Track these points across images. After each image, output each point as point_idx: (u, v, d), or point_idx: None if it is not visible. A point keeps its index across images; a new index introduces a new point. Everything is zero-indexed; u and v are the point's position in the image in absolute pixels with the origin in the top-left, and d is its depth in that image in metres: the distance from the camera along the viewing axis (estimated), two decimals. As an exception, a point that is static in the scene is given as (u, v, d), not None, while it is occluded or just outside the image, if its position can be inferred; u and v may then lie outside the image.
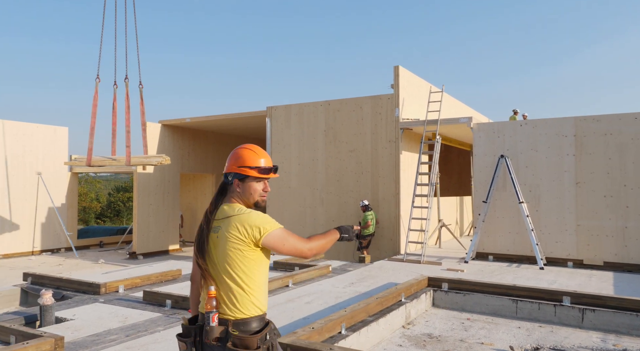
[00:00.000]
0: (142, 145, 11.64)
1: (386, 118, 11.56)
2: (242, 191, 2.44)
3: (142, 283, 6.99)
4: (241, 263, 2.30)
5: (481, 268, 9.26)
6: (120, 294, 6.56)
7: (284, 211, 12.85)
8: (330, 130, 12.29)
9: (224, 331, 2.26)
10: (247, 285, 2.30)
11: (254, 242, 2.30)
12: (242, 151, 2.48)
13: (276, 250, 2.36)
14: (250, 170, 2.42)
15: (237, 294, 2.29)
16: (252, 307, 2.30)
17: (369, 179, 11.72)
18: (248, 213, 2.34)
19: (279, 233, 2.35)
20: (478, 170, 10.54)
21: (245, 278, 2.30)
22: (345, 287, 7.40)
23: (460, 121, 10.69)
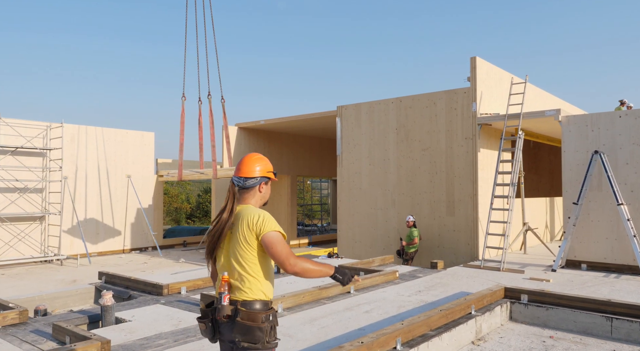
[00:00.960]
0: (227, 157, 11.93)
1: (462, 114, 10.78)
2: (264, 192, 2.85)
3: (204, 285, 7.02)
4: (249, 254, 2.65)
5: (571, 279, 8.24)
6: (182, 296, 6.63)
7: (354, 213, 12.50)
8: (401, 128, 11.74)
9: (233, 309, 2.59)
10: (254, 272, 2.65)
11: (256, 236, 2.64)
12: (265, 159, 2.88)
13: (267, 249, 2.63)
14: (272, 174, 2.88)
15: (245, 280, 2.64)
16: (257, 292, 2.65)
17: (444, 179, 11.01)
18: (259, 213, 2.69)
19: (275, 236, 2.64)
20: (568, 169, 9.44)
21: (253, 266, 2.65)
22: (410, 296, 6.90)
23: (547, 114, 9.65)
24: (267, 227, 2.64)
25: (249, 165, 2.81)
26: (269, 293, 2.71)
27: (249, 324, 2.57)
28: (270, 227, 2.65)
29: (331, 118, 13.73)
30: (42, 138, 13.90)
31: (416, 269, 9.22)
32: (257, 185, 2.81)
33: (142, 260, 14.12)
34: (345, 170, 12.77)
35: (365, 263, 9.30)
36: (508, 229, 9.43)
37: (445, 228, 10.93)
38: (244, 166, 2.82)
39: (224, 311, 2.59)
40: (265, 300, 2.68)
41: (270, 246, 2.62)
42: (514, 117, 10.08)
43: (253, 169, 2.80)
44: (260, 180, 2.81)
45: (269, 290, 2.71)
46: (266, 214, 2.70)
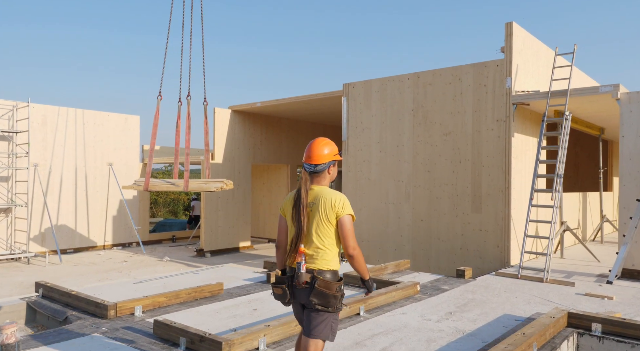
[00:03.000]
0: (205, 167, 10.34)
1: (493, 92, 9.03)
2: (332, 173, 3.29)
3: (168, 302, 5.38)
4: (326, 230, 3.10)
5: (636, 294, 6.55)
6: (135, 319, 4.96)
7: (361, 207, 10.82)
8: (419, 109, 10.00)
9: (311, 277, 3.02)
10: (329, 245, 3.11)
11: (336, 216, 3.08)
12: (329, 143, 3.26)
13: (340, 228, 3.08)
14: (339, 156, 3.31)
15: (322, 252, 3.09)
16: (332, 262, 3.10)
17: (469, 169, 9.29)
18: (340, 196, 3.13)
19: (349, 220, 3.12)
20: (627, 158, 7.70)
21: (330, 240, 3.11)
22: (440, 321, 5.22)
23: (602, 90, 7.89)
24: (346, 210, 3.10)
25: (318, 152, 3.18)
26: (338, 265, 3.13)
27: (325, 291, 2.98)
28: (347, 210, 3.11)
29: (336, 100, 12.00)
30: (8, 119, 12.24)
31: (439, 278, 7.54)
32: (326, 169, 3.22)
33: (123, 257, 12.51)
34: (351, 158, 11.07)
35: (376, 270, 7.63)
36: (552, 230, 7.72)
37: (469, 227, 9.24)
38: (313, 154, 3.19)
39: (302, 278, 3.00)
40: (336, 270, 3.12)
41: (343, 226, 3.08)
42: (558, 94, 8.33)
43: (322, 156, 3.18)
44: (329, 164, 3.23)
45: (338, 262, 3.14)
46: (345, 198, 3.14)
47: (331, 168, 3.24)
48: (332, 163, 3.23)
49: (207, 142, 10.06)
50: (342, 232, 3.06)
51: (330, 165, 3.22)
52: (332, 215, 3.06)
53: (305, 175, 3.19)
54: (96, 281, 9.24)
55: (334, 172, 3.27)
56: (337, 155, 3.26)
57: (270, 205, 16.65)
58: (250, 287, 6.73)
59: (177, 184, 10.18)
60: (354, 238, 3.07)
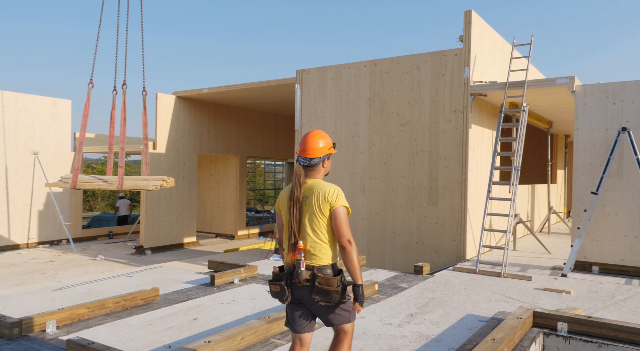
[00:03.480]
0: (142, 162, 9.37)
1: (451, 82, 8.79)
2: (327, 167, 3.19)
3: (90, 314, 4.66)
4: (321, 223, 2.99)
5: (592, 288, 6.49)
6: (46, 338, 4.22)
7: (316, 200, 10.36)
8: (376, 98, 9.63)
9: (311, 274, 2.92)
10: (326, 239, 3.01)
11: (330, 207, 2.99)
12: (323, 136, 3.17)
13: (334, 219, 2.99)
14: (333, 149, 3.21)
15: (319, 246, 2.98)
16: (330, 257, 3.00)
17: (426, 161, 9.04)
18: (333, 188, 3.04)
19: (343, 211, 3.01)
20: (581, 150, 7.66)
21: (328, 235, 3.01)
22: (401, 325, 4.85)
23: (558, 82, 7.80)
24: (340, 201, 3.01)
25: (313, 145, 3.10)
26: (336, 256, 3.05)
27: (326, 288, 2.88)
28: (341, 202, 3.01)
29: (289, 88, 11.44)
30: None
31: (396, 275, 7.22)
32: (321, 163, 3.13)
33: (49, 256, 11.40)
34: (304, 149, 10.56)
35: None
36: (510, 224, 7.58)
37: (426, 221, 9.00)
38: (308, 147, 3.10)
39: (302, 276, 2.91)
40: (335, 263, 3.02)
41: (337, 217, 2.98)
42: (516, 85, 8.19)
43: (317, 149, 3.10)
44: (324, 158, 3.14)
45: (336, 254, 3.05)
46: (339, 189, 3.05)
47: (325, 161, 3.16)
48: (326, 157, 3.16)
49: (146, 135, 9.11)
50: (335, 222, 2.97)
51: (325, 158, 3.15)
52: (326, 207, 2.99)
53: (299, 169, 3.10)
54: (13, 286, 8.23)
55: (328, 165, 3.20)
56: (332, 149, 3.19)
57: (218, 197, 15.88)
58: (191, 291, 6.11)
59: (111, 182, 9.23)
60: (349, 229, 2.99)
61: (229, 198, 15.50)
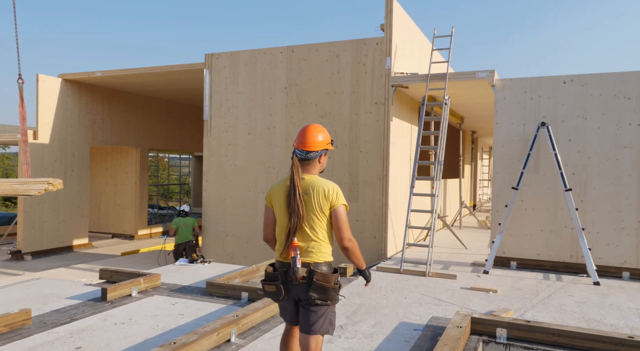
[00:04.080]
0: (21, 162, 7.49)
1: (373, 72, 8.39)
2: (323, 163, 3.11)
3: None
4: (320, 221, 2.91)
5: (514, 284, 6.41)
6: None
7: (225, 197, 9.48)
8: (293, 87, 8.97)
9: (307, 271, 2.84)
10: (324, 237, 2.93)
11: (330, 206, 2.92)
12: (322, 130, 3.07)
13: (334, 219, 2.92)
14: (330, 145, 3.12)
15: (317, 244, 2.91)
16: (326, 255, 2.93)
17: (346, 155, 8.57)
18: (333, 186, 2.97)
19: (344, 210, 2.94)
20: (500, 145, 7.64)
21: (322, 232, 2.93)
22: (331, 340, 4.25)
23: (478, 76, 7.71)
24: (340, 200, 2.94)
25: (312, 138, 3.01)
26: (332, 255, 2.99)
27: (325, 285, 2.82)
28: (342, 200, 2.95)
29: (197, 74, 10.38)
30: None
31: (318, 278, 6.64)
32: (318, 157, 3.03)
33: None
34: (214, 141, 9.62)
35: (246, 273, 6.43)
36: (434, 221, 7.34)
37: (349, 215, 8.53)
38: (307, 140, 3.01)
39: (299, 274, 2.82)
40: (330, 261, 2.96)
41: (338, 217, 2.91)
42: (437, 78, 7.98)
43: (316, 143, 3.00)
44: (321, 152, 3.04)
45: (331, 252, 2.99)
46: (337, 187, 3.00)
47: (322, 157, 3.08)
48: (323, 152, 3.07)
49: (25, 131, 7.43)
50: (336, 222, 2.92)
51: (322, 153, 3.06)
52: (326, 206, 2.92)
53: (297, 162, 3.02)
54: None
55: (324, 161, 3.11)
56: (330, 145, 3.10)
57: (115, 194, 14.26)
58: (76, 310, 5.02)
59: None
60: (349, 229, 2.95)
61: (128, 195, 13.98)
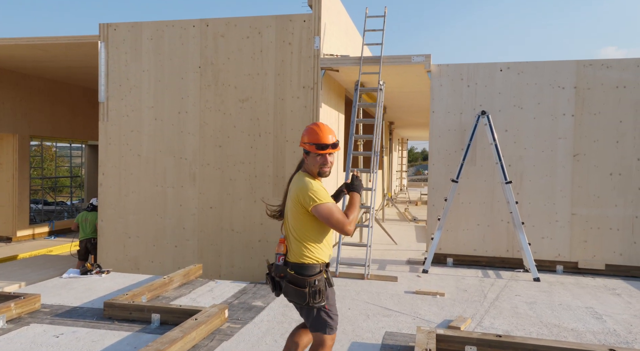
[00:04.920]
0: None
1: (300, 52, 7.52)
2: (309, 162, 2.87)
3: None
4: (297, 221, 2.79)
5: (458, 285, 5.98)
6: None
7: (128, 192, 8.11)
8: (208, 66, 7.82)
9: (284, 270, 2.80)
10: (301, 238, 2.78)
11: (305, 208, 2.74)
12: (310, 129, 2.88)
13: (322, 221, 2.75)
14: (309, 146, 2.84)
15: (295, 244, 2.80)
16: (304, 256, 2.76)
17: (271, 145, 7.65)
18: (305, 183, 2.76)
19: (323, 209, 2.71)
20: (436, 135, 7.19)
21: (300, 232, 2.79)
22: (278, 377, 3.38)
23: (414, 60, 7.17)
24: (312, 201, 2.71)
25: (304, 132, 2.93)
26: (318, 257, 2.78)
27: (293, 288, 2.74)
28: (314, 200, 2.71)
29: (90, 49, 8.75)
30: None
31: (245, 288, 5.69)
32: (304, 155, 2.91)
33: None
34: (113, 127, 8.18)
35: (157, 286, 5.29)
36: (372, 217, 6.70)
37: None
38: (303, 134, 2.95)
39: (278, 271, 2.84)
40: (314, 263, 2.76)
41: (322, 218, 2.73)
42: (371, 61, 7.32)
43: (302, 138, 2.91)
44: (303, 151, 2.90)
45: (318, 254, 2.78)
46: (307, 186, 2.75)
47: (305, 156, 2.90)
48: (305, 152, 2.89)
49: None
50: (328, 225, 2.76)
51: (304, 152, 2.89)
52: (301, 209, 2.76)
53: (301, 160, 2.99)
54: None
55: (311, 161, 2.85)
56: (311, 147, 2.83)
57: (-14, 190, 11.96)
58: None
59: None
60: (341, 221, 2.73)
61: (3, 190, 11.80)
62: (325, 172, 2.85)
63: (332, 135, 2.85)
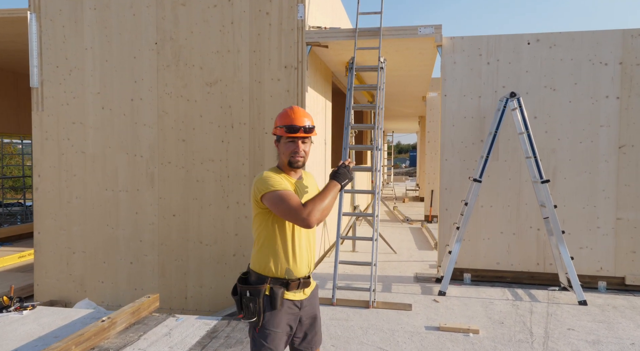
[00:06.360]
0: None
1: (280, 24, 6.10)
2: (280, 150, 2.43)
3: None
4: (254, 221, 2.38)
5: (489, 313, 4.71)
6: None
7: (71, 198, 6.60)
8: (167, 42, 6.33)
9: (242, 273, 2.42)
10: (255, 241, 2.37)
11: (257, 201, 2.30)
12: (283, 111, 2.45)
13: (274, 212, 2.25)
14: (279, 130, 2.40)
15: (253, 249, 2.40)
16: (254, 262, 2.34)
17: (247, 138, 6.22)
18: (261, 174, 2.34)
19: (273, 196, 2.22)
20: (450, 124, 5.88)
21: (255, 234, 2.38)
22: None
23: (421, 32, 5.82)
24: (262, 189, 2.27)
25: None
26: (265, 266, 2.30)
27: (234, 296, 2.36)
28: (264, 188, 2.26)
29: (18, 24, 7.14)
30: None
31: (214, 326, 4.29)
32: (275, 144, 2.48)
33: None
34: (49, 118, 6.63)
35: (95, 334, 3.84)
36: (376, 225, 5.33)
37: (247, 223, 6.24)
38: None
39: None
40: (259, 273, 2.30)
41: (272, 206, 2.24)
42: (368, 34, 5.96)
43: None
44: (277, 138, 2.45)
45: (266, 263, 2.30)
46: (261, 175, 2.33)
47: (276, 143, 2.44)
48: (275, 138, 2.45)
49: None
50: (279, 215, 2.23)
51: (275, 138, 2.45)
52: (255, 205, 2.33)
53: None
54: None
55: (283, 149, 2.38)
56: (275, 129, 2.42)
57: None
58: None
59: None
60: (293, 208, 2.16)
61: None
62: (298, 161, 2.37)
63: (307, 119, 2.40)
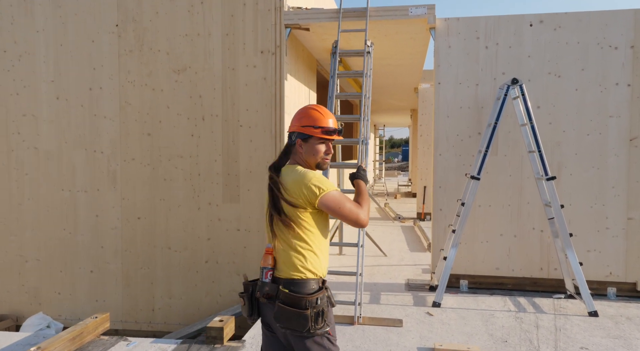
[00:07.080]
0: None
1: (256, 4, 5.46)
2: (305, 151, 2.23)
3: None
4: (290, 225, 2.14)
5: (489, 328, 4.15)
6: None
7: (23, 200, 5.92)
8: (129, 24, 5.66)
9: (274, 288, 2.11)
10: (301, 246, 2.13)
11: (311, 203, 2.10)
12: (308, 110, 2.27)
13: (331, 214, 2.13)
14: (314, 130, 2.21)
15: (286, 255, 2.14)
16: (304, 269, 2.12)
17: (219, 131, 5.59)
18: (304, 173, 2.13)
19: (333, 197, 2.09)
20: (444, 114, 5.31)
21: (299, 239, 2.14)
22: None
23: (412, 13, 5.22)
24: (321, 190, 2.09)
25: (293, 118, 2.29)
26: (319, 269, 2.15)
27: (290, 310, 2.04)
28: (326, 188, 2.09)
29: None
30: None
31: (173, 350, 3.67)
32: (294, 142, 2.24)
33: None
34: None
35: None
36: (362, 233, 4.73)
37: (221, 226, 5.62)
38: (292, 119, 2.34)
39: (263, 289, 2.12)
40: (314, 278, 2.13)
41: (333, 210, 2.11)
42: (353, 15, 5.35)
43: (291, 123, 2.29)
44: (297, 136, 2.22)
45: (319, 266, 2.15)
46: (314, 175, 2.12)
47: (299, 143, 2.21)
48: (302, 137, 2.21)
49: None
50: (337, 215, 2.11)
51: (299, 138, 2.21)
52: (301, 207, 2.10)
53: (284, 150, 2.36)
54: None
55: (307, 150, 2.20)
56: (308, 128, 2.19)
57: None
58: None
59: None
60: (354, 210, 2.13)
61: None
62: (327, 163, 2.24)
63: (334, 120, 2.24)
